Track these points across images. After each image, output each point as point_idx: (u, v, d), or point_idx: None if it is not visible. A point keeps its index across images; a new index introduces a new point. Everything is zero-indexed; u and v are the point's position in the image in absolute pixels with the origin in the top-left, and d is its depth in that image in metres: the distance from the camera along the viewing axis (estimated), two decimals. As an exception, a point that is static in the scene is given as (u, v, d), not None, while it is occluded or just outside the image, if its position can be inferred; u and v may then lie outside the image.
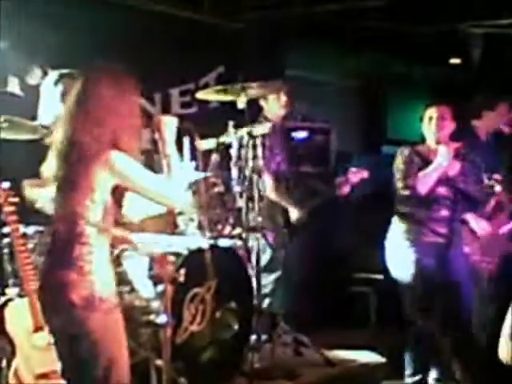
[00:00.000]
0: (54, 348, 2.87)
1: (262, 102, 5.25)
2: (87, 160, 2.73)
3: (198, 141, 4.43)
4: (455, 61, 8.36)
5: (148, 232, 4.32)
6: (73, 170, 2.76)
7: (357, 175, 5.12)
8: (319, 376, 4.57)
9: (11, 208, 3.68)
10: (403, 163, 4.57)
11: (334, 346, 5.05)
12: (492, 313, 4.94)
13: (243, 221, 4.39)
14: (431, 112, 4.58)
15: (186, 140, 4.22)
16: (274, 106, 5.28)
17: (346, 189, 5.12)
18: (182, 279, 3.32)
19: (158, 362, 3.74)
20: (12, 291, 3.79)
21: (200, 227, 4.35)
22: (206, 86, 6.13)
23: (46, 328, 3.45)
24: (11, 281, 3.86)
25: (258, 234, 4.49)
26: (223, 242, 4.41)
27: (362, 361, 4.92)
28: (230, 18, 6.65)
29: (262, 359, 4.41)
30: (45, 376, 3.64)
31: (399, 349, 4.81)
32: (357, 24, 6.95)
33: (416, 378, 4.65)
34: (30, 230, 3.86)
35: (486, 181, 4.55)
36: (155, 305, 3.93)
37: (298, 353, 4.89)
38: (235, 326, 4.27)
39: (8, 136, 3.88)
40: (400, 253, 4.58)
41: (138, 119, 2.89)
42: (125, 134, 2.81)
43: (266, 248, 5.04)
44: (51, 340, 2.90)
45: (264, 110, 5.29)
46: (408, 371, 4.69)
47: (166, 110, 6.03)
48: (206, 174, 4.44)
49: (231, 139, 4.53)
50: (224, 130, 4.60)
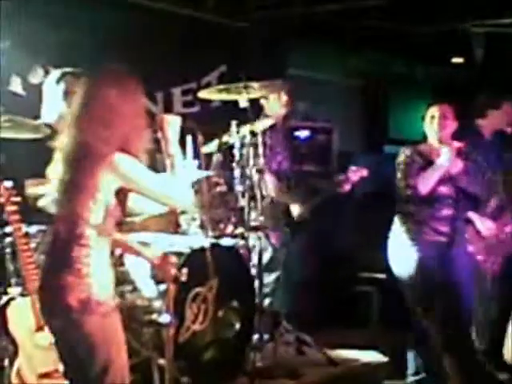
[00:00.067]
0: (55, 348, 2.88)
1: (263, 101, 5.25)
2: (93, 162, 2.72)
3: (201, 140, 4.45)
4: (457, 60, 8.36)
5: (150, 231, 4.33)
6: (79, 172, 2.75)
7: (356, 173, 5.12)
8: (321, 375, 4.56)
9: (13, 207, 3.66)
10: (405, 163, 4.57)
11: (337, 346, 5.04)
12: (494, 313, 4.94)
13: (245, 220, 4.39)
14: (433, 111, 4.58)
15: (188, 139, 4.22)
16: (275, 105, 5.28)
17: (346, 187, 5.12)
18: (184, 278, 3.32)
19: (161, 362, 3.75)
20: (14, 290, 3.79)
21: (202, 226, 4.36)
22: (208, 85, 6.11)
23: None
24: (13, 280, 3.86)
25: (260, 233, 4.49)
26: (225, 242, 4.41)
27: (365, 360, 4.91)
28: (234, 17, 6.65)
29: (265, 358, 4.40)
30: (47, 375, 3.63)
31: (402, 348, 4.81)
32: (359, 23, 6.95)
33: (418, 378, 4.65)
34: (33, 229, 3.85)
35: (488, 180, 4.55)
36: (157, 304, 3.92)
37: (301, 352, 4.89)
38: (237, 325, 4.27)
39: (10, 135, 3.87)
40: (402, 252, 4.58)
41: (143, 119, 2.88)
42: (131, 135, 2.80)
43: (268, 247, 5.04)
44: (53, 340, 2.89)
45: (265, 109, 5.29)
46: (410, 370, 4.69)
47: (168, 109, 6.03)
48: (208, 172, 4.44)
49: (233, 139, 4.52)
50: (226, 129, 4.60)
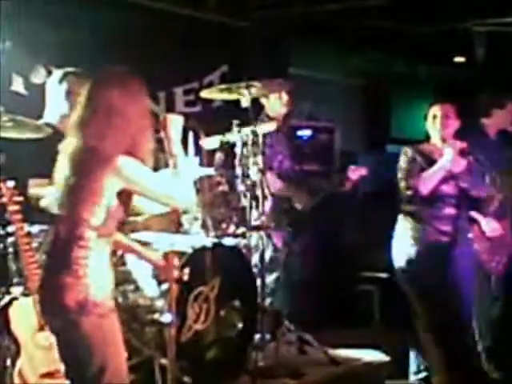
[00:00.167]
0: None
1: (264, 100, 5.24)
2: (98, 166, 2.72)
3: (203, 139, 4.44)
4: (459, 59, 8.36)
5: (152, 230, 4.33)
6: (83, 175, 2.75)
7: (356, 172, 5.12)
8: (323, 375, 4.55)
9: (16, 207, 3.66)
10: (406, 163, 4.57)
11: (338, 345, 5.03)
12: (498, 313, 4.94)
13: (247, 220, 4.39)
14: (435, 110, 4.59)
15: (190, 137, 4.22)
16: (276, 104, 5.27)
17: (346, 186, 5.12)
18: (186, 278, 3.32)
19: (163, 361, 3.75)
20: (16, 290, 3.79)
21: (204, 226, 4.35)
22: (210, 85, 6.11)
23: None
24: (16, 279, 3.86)
25: (262, 233, 4.48)
26: (227, 241, 4.41)
27: (367, 359, 4.90)
28: (234, 17, 6.65)
29: (266, 358, 4.39)
30: (49, 375, 3.62)
31: (403, 347, 4.81)
32: (360, 23, 6.95)
33: (420, 377, 4.65)
34: (35, 228, 3.85)
35: (491, 179, 4.55)
36: (159, 303, 3.92)
37: (303, 351, 4.88)
38: (239, 325, 4.27)
39: (12, 135, 3.87)
40: (404, 251, 4.58)
41: (148, 120, 2.88)
42: (137, 137, 2.80)
43: (269, 247, 5.03)
44: (54, 339, 2.90)
45: (265, 109, 5.28)
46: (412, 370, 4.69)
47: (170, 108, 6.02)
48: (210, 170, 4.44)
49: (235, 138, 4.52)
50: (228, 128, 4.59)
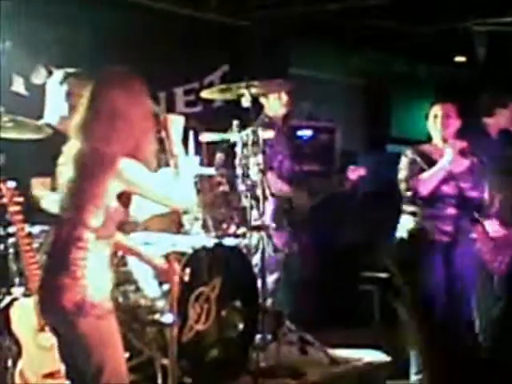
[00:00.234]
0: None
1: (263, 100, 5.24)
2: (101, 169, 2.72)
3: (203, 137, 4.45)
4: (459, 59, 8.36)
5: (153, 231, 4.33)
6: (86, 178, 2.75)
7: (355, 172, 5.12)
8: (324, 375, 4.56)
9: (16, 207, 3.66)
10: (406, 165, 4.57)
11: (339, 345, 5.04)
12: (500, 312, 4.93)
13: (248, 220, 4.39)
14: (436, 110, 4.58)
15: (191, 137, 4.22)
16: (275, 104, 5.27)
17: (346, 186, 5.12)
18: (187, 278, 3.32)
19: (164, 361, 3.75)
20: (17, 290, 3.79)
21: (205, 226, 4.35)
22: (210, 85, 6.12)
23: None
24: (17, 280, 3.86)
25: (262, 233, 4.48)
26: (228, 241, 4.41)
27: (367, 359, 4.91)
28: (235, 16, 6.65)
29: (267, 358, 4.39)
30: (50, 376, 3.63)
31: (404, 347, 4.80)
32: (361, 22, 6.95)
33: (421, 377, 4.64)
34: (36, 229, 3.86)
35: (492, 179, 4.55)
36: (160, 304, 3.93)
37: (304, 351, 4.88)
38: (240, 325, 4.27)
39: (12, 135, 3.87)
40: (405, 251, 4.58)
41: (150, 122, 2.88)
42: (140, 139, 2.80)
43: (270, 247, 5.03)
44: (55, 340, 2.90)
45: (265, 109, 5.28)
46: (413, 370, 4.69)
47: (170, 108, 6.02)
48: (210, 169, 4.44)
49: (235, 138, 4.52)
50: (229, 128, 4.60)
